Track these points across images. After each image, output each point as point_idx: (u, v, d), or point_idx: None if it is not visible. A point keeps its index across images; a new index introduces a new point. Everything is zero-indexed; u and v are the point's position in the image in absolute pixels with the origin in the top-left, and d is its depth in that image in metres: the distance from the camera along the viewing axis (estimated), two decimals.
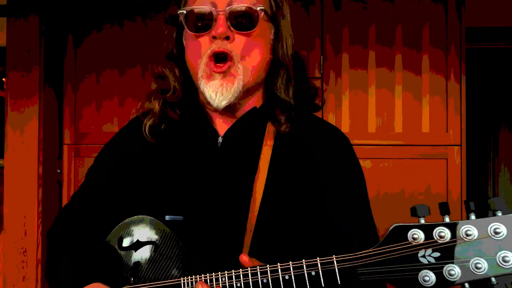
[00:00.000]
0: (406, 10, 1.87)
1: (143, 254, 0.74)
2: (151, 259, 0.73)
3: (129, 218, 0.77)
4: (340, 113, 1.87)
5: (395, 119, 1.86)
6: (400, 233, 0.51)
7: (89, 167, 0.92)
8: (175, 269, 0.72)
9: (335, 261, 0.55)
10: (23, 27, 1.79)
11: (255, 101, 0.85)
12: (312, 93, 0.89)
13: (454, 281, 0.47)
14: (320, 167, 0.80)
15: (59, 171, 1.94)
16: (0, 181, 1.90)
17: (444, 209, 0.51)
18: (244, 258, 0.66)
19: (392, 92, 1.86)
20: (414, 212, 0.52)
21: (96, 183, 0.88)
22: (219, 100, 0.76)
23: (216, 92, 0.76)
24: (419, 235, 0.50)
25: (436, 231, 0.49)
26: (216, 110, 0.83)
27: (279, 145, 0.82)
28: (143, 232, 0.75)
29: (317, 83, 1.86)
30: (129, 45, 1.92)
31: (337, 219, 0.77)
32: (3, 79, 1.93)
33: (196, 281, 0.66)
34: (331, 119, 1.86)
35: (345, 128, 1.85)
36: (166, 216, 0.75)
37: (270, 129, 0.83)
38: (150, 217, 0.75)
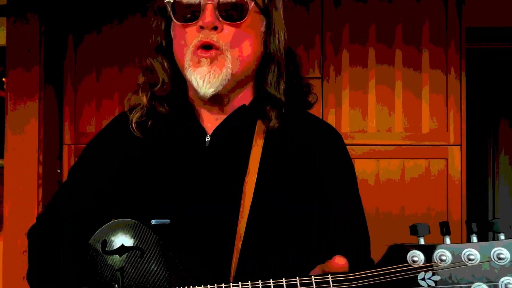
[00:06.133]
0: (406, 7, 1.86)
1: (128, 259, 0.71)
2: (136, 265, 0.70)
3: (113, 221, 0.74)
4: (340, 111, 1.86)
5: (395, 118, 1.85)
6: (399, 253, 0.49)
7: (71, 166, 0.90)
8: (161, 276, 0.69)
9: (330, 282, 0.53)
10: (23, 26, 1.78)
11: (245, 97, 0.82)
12: (304, 90, 0.85)
13: None
14: (312, 166, 0.78)
15: (59, 171, 1.94)
16: (0, 181, 1.90)
17: (445, 229, 0.49)
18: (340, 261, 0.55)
19: (392, 90, 1.86)
20: (414, 231, 0.50)
21: (78, 183, 0.85)
22: (207, 87, 0.73)
23: (204, 79, 0.73)
24: (419, 257, 0.48)
25: (437, 254, 0.47)
26: (204, 106, 0.81)
27: (269, 145, 0.79)
28: (128, 236, 0.72)
29: (317, 81, 1.85)
30: (129, 43, 1.90)
31: (331, 216, 0.76)
32: (3, 79, 1.92)
33: None
34: (331, 117, 1.85)
35: (344, 127, 1.85)
36: (152, 220, 0.72)
37: (260, 127, 0.80)
38: (135, 221, 0.72)
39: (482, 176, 3.12)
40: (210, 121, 0.81)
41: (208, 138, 0.79)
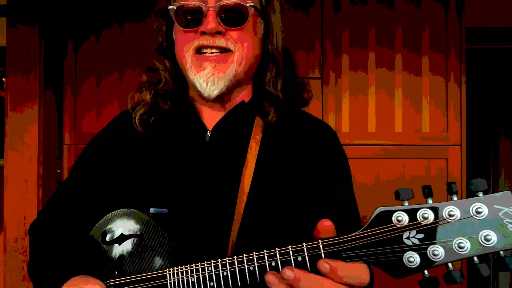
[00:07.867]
0: (406, 12, 1.88)
1: (127, 247, 0.73)
2: (135, 252, 0.72)
3: (113, 212, 0.76)
4: (340, 114, 1.88)
5: (395, 118, 1.87)
6: (385, 216, 0.52)
7: (73, 163, 0.91)
8: (160, 261, 0.71)
9: (321, 246, 0.55)
10: (23, 28, 1.80)
11: (244, 95, 0.86)
12: (299, 88, 0.90)
13: (438, 261, 0.48)
14: (307, 160, 0.81)
15: (59, 171, 1.95)
16: (0, 181, 1.91)
17: (427, 191, 0.51)
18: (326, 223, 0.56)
19: (392, 93, 1.87)
20: (397, 196, 0.52)
21: (81, 178, 0.87)
22: (211, 89, 0.77)
23: (207, 81, 0.77)
24: (403, 217, 0.50)
25: (420, 213, 0.49)
26: (205, 104, 0.84)
27: (267, 139, 0.82)
28: (127, 225, 0.74)
29: (317, 84, 1.87)
30: (128, 48, 1.93)
31: (326, 208, 0.78)
32: (3, 79, 1.94)
33: (181, 272, 0.65)
34: (331, 119, 1.86)
35: (345, 129, 1.86)
36: (151, 209, 0.75)
37: (258, 123, 0.84)
38: (134, 210, 0.74)
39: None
40: (211, 117, 0.84)
41: (208, 133, 0.82)
